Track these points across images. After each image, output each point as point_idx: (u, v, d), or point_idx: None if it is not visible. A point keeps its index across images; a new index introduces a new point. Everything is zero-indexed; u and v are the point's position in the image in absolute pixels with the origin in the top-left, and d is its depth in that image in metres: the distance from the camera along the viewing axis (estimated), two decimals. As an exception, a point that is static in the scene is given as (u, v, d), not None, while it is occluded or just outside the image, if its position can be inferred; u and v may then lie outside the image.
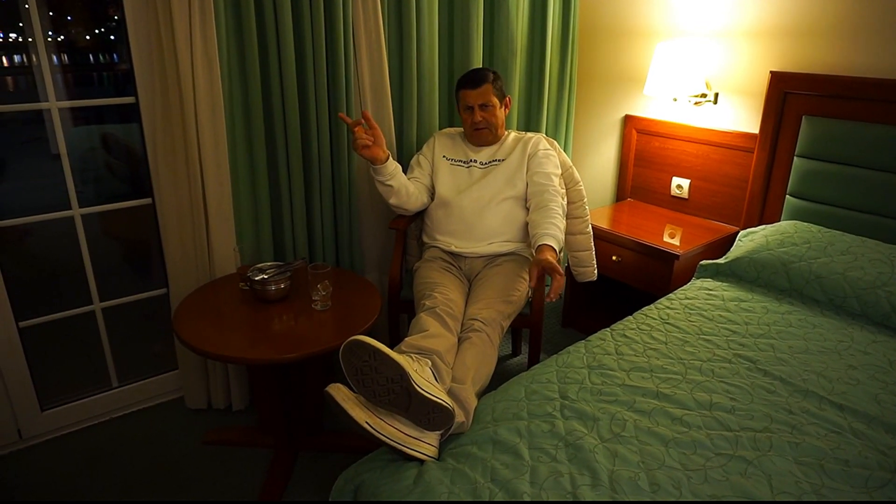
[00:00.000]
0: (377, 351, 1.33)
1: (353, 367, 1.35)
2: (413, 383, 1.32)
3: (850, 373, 1.59)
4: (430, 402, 1.32)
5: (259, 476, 2.02)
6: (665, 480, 1.20)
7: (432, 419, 1.33)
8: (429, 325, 1.75)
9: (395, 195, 2.17)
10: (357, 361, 1.35)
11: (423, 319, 1.79)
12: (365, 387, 1.35)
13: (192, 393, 2.34)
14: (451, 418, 1.34)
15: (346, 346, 1.35)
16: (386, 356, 1.33)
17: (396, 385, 1.34)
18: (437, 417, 1.33)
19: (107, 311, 2.28)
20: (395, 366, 1.33)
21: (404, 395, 1.34)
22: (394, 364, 1.33)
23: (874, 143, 2.11)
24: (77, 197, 2.10)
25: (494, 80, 2.20)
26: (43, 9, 1.91)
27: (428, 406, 1.33)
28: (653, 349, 1.71)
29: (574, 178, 2.38)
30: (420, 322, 1.78)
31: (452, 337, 1.77)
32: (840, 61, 2.24)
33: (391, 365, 1.33)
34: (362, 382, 1.35)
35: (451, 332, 1.78)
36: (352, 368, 1.36)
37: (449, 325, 1.79)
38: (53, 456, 2.12)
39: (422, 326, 1.75)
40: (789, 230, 2.19)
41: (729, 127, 2.60)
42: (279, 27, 2.08)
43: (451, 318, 1.82)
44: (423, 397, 1.32)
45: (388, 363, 1.33)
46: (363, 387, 1.36)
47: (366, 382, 1.35)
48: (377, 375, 1.34)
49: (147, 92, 2.04)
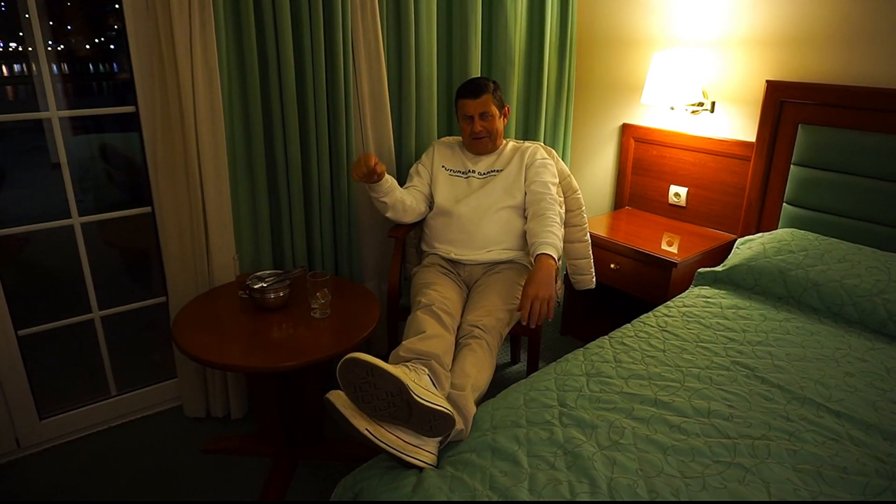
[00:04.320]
0: (374, 367, 1.32)
1: (351, 385, 1.34)
2: (413, 395, 1.32)
3: (847, 380, 1.59)
4: (431, 410, 1.32)
5: (258, 484, 2.02)
6: (663, 488, 1.20)
7: (433, 426, 1.33)
8: (425, 324, 1.75)
9: (391, 210, 2.19)
10: (355, 379, 1.34)
11: (420, 318, 1.79)
12: (365, 403, 1.35)
13: (190, 401, 2.34)
14: (451, 424, 1.34)
15: (343, 365, 1.34)
16: (383, 371, 1.32)
17: (396, 398, 1.33)
18: (439, 424, 1.33)
19: (106, 320, 2.28)
20: (394, 380, 1.32)
21: (405, 407, 1.33)
22: (392, 378, 1.32)
23: (870, 152, 2.12)
24: (77, 206, 2.11)
25: (494, 91, 2.22)
26: (43, 18, 1.92)
27: (429, 415, 1.33)
28: (651, 357, 1.71)
29: (572, 187, 2.39)
30: (416, 321, 1.78)
31: (450, 335, 1.77)
32: (836, 70, 2.26)
33: (390, 380, 1.32)
34: (362, 399, 1.35)
35: (448, 330, 1.79)
36: (350, 386, 1.35)
37: (445, 323, 1.80)
38: (52, 465, 2.11)
39: (418, 327, 1.75)
40: (786, 238, 2.20)
41: (726, 135, 2.62)
42: (279, 37, 2.09)
43: (447, 315, 1.83)
44: (424, 407, 1.32)
45: (387, 378, 1.32)
46: (363, 403, 1.35)
47: (365, 399, 1.34)
48: (376, 391, 1.33)
49: (147, 101, 2.06)
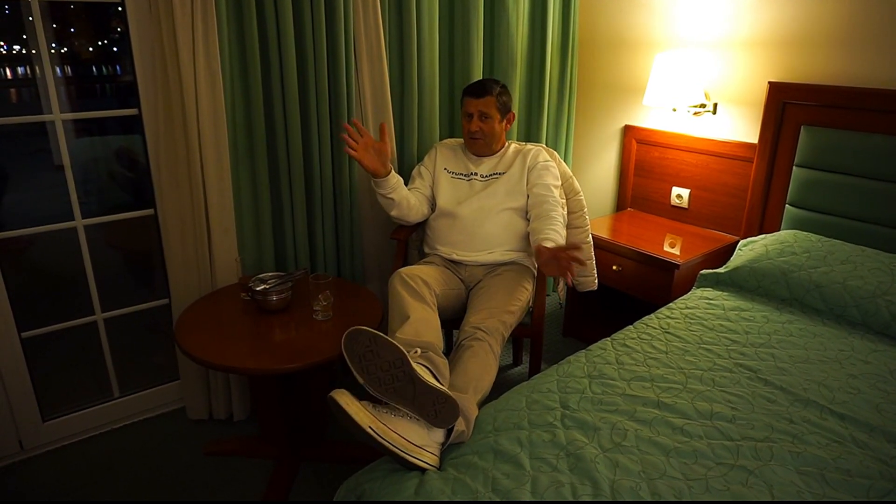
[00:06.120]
0: (376, 336, 1.39)
1: (355, 355, 1.40)
2: (413, 368, 1.38)
3: (851, 382, 1.59)
4: (433, 390, 1.35)
5: (260, 486, 2.02)
6: (666, 490, 1.20)
7: (438, 411, 1.35)
8: (404, 304, 1.83)
9: (396, 207, 2.19)
10: (359, 348, 1.40)
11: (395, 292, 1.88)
12: (369, 374, 1.39)
13: (193, 403, 2.34)
14: (456, 412, 1.35)
15: (348, 336, 1.41)
16: (385, 339, 1.39)
17: (398, 370, 1.38)
18: (443, 410, 1.35)
19: (109, 322, 2.29)
20: (395, 348, 1.38)
21: (408, 382, 1.37)
22: (393, 347, 1.38)
23: (873, 153, 2.12)
24: (80, 208, 2.11)
25: (500, 95, 2.21)
26: (46, 21, 1.93)
27: (433, 395, 1.35)
28: (653, 358, 1.71)
29: (574, 189, 2.39)
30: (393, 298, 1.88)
31: (430, 309, 1.86)
32: (838, 72, 2.26)
33: (391, 348, 1.38)
34: (366, 370, 1.40)
35: (425, 301, 1.88)
36: (355, 357, 1.40)
37: (421, 293, 1.89)
38: (55, 467, 2.12)
39: (399, 308, 1.83)
40: (789, 239, 2.19)
41: (728, 137, 2.62)
42: (281, 40, 2.10)
43: (423, 285, 1.92)
44: (426, 385, 1.36)
45: (388, 346, 1.39)
46: (367, 374, 1.40)
47: (370, 369, 1.39)
48: (379, 360, 1.39)
49: (150, 103, 2.06)
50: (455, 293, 2.12)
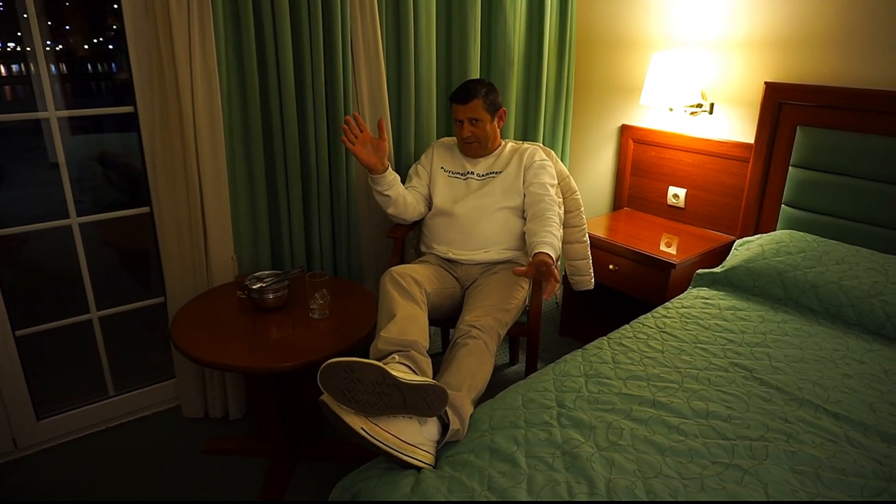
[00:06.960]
0: (350, 363, 1.33)
1: (336, 389, 1.34)
2: (395, 377, 1.35)
3: (845, 381, 1.59)
4: (419, 387, 1.34)
5: (256, 485, 2.02)
6: (661, 489, 1.20)
7: (430, 402, 1.34)
8: (392, 303, 1.79)
9: (392, 205, 2.19)
10: (338, 383, 1.34)
11: (385, 291, 1.84)
12: (357, 402, 1.34)
13: (189, 402, 2.33)
14: (445, 396, 1.35)
15: (321, 376, 1.34)
16: (359, 362, 1.34)
17: (384, 386, 1.34)
18: (433, 398, 1.35)
19: (104, 320, 2.28)
20: (373, 368, 1.34)
21: (396, 393, 1.34)
22: (370, 367, 1.34)
23: (868, 154, 2.13)
24: (75, 205, 2.11)
25: (486, 95, 2.19)
26: (42, 18, 1.92)
27: (420, 392, 1.34)
28: (649, 358, 1.72)
29: (571, 188, 2.40)
30: (383, 295, 1.84)
31: (418, 307, 1.81)
32: (834, 72, 2.26)
33: (368, 369, 1.34)
34: (352, 399, 1.34)
35: (413, 299, 1.83)
36: (336, 391, 1.34)
37: (410, 291, 1.84)
38: (49, 466, 2.11)
39: (387, 306, 1.79)
40: (785, 239, 2.20)
41: (724, 137, 2.62)
42: (278, 37, 2.09)
43: (412, 283, 1.88)
44: (411, 386, 1.34)
45: (365, 368, 1.34)
46: (355, 403, 1.35)
47: (356, 397, 1.34)
48: (361, 385, 1.34)
49: (146, 101, 2.05)
50: (449, 292, 2.11)
